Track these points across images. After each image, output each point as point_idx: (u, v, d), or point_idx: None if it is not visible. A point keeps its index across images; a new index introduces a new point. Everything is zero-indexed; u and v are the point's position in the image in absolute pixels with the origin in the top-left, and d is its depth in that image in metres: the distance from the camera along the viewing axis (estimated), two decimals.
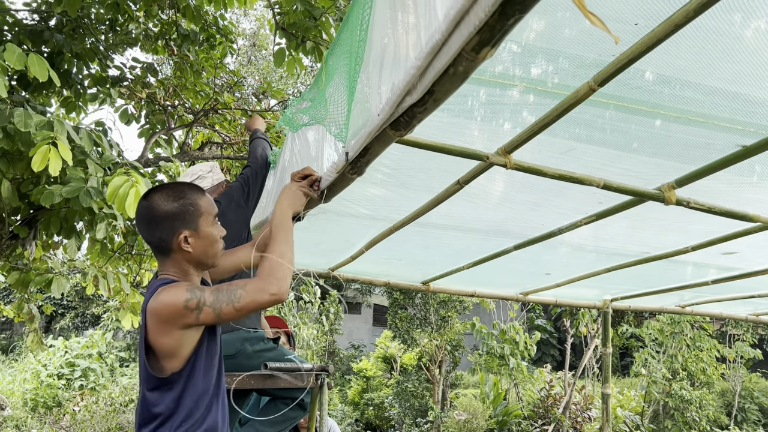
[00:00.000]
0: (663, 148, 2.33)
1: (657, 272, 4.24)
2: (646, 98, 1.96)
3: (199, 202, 1.88)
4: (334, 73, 1.71)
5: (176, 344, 1.76)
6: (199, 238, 1.86)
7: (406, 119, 1.38)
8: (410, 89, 1.24)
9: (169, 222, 1.82)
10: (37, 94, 5.93)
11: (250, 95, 9.42)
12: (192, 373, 1.80)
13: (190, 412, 1.80)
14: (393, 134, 1.44)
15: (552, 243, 3.51)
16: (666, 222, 3.15)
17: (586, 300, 5.69)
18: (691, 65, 1.80)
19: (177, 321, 1.72)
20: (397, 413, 12.60)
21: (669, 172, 2.39)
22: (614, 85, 1.75)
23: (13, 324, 20.81)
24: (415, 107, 1.31)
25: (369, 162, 1.69)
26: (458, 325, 11.75)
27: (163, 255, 1.88)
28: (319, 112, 1.81)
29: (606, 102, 1.94)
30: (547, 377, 10.35)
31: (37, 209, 5.12)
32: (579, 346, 11.94)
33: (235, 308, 1.71)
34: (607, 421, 5.37)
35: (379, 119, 1.37)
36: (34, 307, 6.97)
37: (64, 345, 14.04)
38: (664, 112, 1.99)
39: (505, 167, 2.09)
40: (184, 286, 1.76)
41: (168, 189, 1.88)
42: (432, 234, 3.67)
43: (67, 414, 11.20)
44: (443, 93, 1.24)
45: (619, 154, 2.38)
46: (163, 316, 1.73)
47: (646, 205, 2.66)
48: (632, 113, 2.03)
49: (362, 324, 25.18)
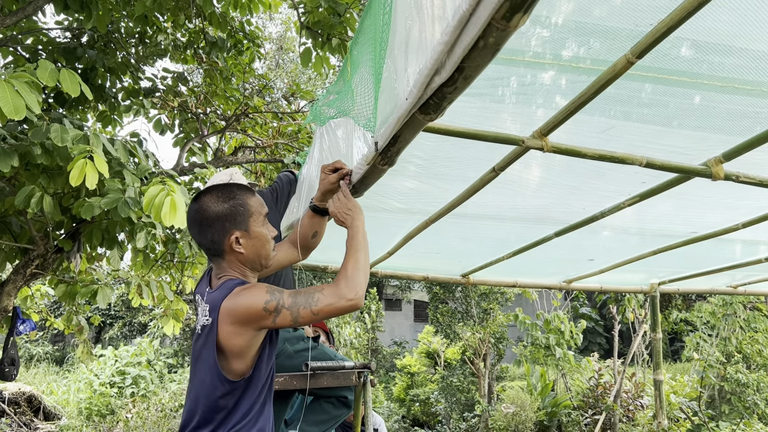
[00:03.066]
0: (707, 121, 2.22)
1: (706, 252, 4.09)
2: (686, 68, 1.87)
3: (249, 202, 1.86)
4: (359, 63, 1.67)
5: (247, 345, 1.75)
6: (250, 239, 1.85)
7: (435, 101, 1.32)
8: (438, 68, 1.19)
9: (220, 223, 1.82)
10: (73, 110, 6.06)
11: (279, 98, 9.48)
12: (254, 374, 1.79)
13: (246, 412, 1.79)
14: (423, 119, 1.39)
15: (594, 227, 3.40)
16: (713, 199, 3.02)
17: (632, 285, 5.54)
18: (734, 29, 1.70)
19: (254, 323, 1.71)
20: (443, 408, 12.54)
21: (715, 145, 2.28)
22: (652, 56, 1.67)
23: (64, 336, 21.45)
24: (445, 87, 1.25)
25: (399, 151, 1.65)
26: (501, 317, 11.61)
27: (217, 257, 1.88)
28: (346, 104, 1.77)
29: (644, 75, 1.86)
30: (596, 366, 10.14)
31: (79, 222, 5.23)
32: (626, 332, 11.68)
33: (313, 312, 1.70)
34: (661, 408, 5.22)
35: (407, 103, 1.31)
36: (83, 319, 7.14)
37: (113, 354, 14.38)
38: (707, 82, 1.89)
39: (542, 150, 2.02)
40: (264, 288, 1.74)
41: (217, 190, 1.87)
42: (469, 225, 3.61)
43: (121, 421, 11.47)
44: (474, 69, 1.18)
45: (661, 129, 2.28)
46: (241, 316, 1.71)
47: (692, 182, 2.55)
48: (673, 85, 1.93)
49: (403, 320, 25.16)
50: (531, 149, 2.05)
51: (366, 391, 2.44)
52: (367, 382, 2.44)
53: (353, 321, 14.02)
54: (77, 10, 5.50)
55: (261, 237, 1.87)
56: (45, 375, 16.67)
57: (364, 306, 14.93)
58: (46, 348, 20.42)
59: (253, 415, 1.81)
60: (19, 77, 3.10)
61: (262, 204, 1.92)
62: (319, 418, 2.62)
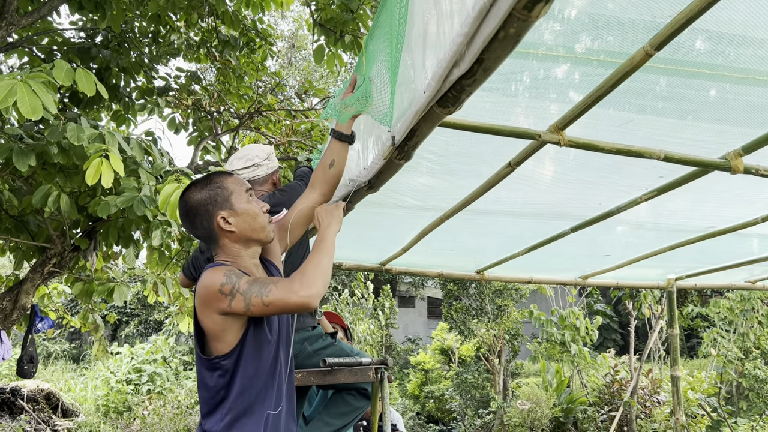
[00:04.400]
0: (726, 113, 2.19)
1: (723, 247, 4.04)
2: (704, 60, 1.84)
3: (225, 183, 1.93)
4: (374, 58, 1.66)
5: (219, 329, 1.78)
6: (237, 216, 1.89)
7: (454, 94, 1.31)
8: (457, 60, 1.18)
9: (203, 208, 1.88)
10: (88, 109, 6.11)
11: (292, 96, 9.50)
12: (239, 361, 1.81)
13: (239, 399, 1.82)
14: (441, 112, 1.38)
15: (610, 223, 3.38)
16: (732, 193, 2.99)
17: (648, 280, 5.49)
18: (753, 20, 1.67)
19: (212, 304, 1.74)
20: (458, 405, 12.52)
21: (734, 138, 2.25)
22: (670, 48, 1.64)
23: (81, 334, 21.69)
24: (464, 79, 1.24)
25: (416, 145, 1.64)
26: (515, 313, 11.57)
27: (215, 243, 1.92)
28: (362, 99, 1.77)
29: (662, 68, 1.83)
30: (611, 362, 10.08)
31: (95, 221, 5.28)
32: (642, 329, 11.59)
33: (263, 302, 1.71)
34: (679, 404, 5.17)
35: (425, 96, 1.30)
36: (99, 317, 7.21)
37: (129, 352, 14.51)
38: (726, 74, 1.87)
39: (559, 145, 2.00)
40: (224, 270, 1.78)
41: (196, 181, 1.95)
42: (483, 221, 3.59)
43: (137, 418, 11.58)
44: (493, 61, 1.16)
45: (679, 122, 2.25)
46: (201, 297, 1.76)
47: (710, 176, 2.52)
48: (690, 77, 1.91)
49: (417, 317, 25.15)
50: (547, 143, 2.04)
51: (383, 388, 2.43)
52: (384, 378, 2.44)
53: (367, 318, 14.04)
54: (91, 10, 5.54)
55: (248, 212, 1.91)
56: (63, 372, 16.85)
57: (378, 303, 14.93)
58: (63, 346, 20.65)
59: (250, 403, 1.83)
60: (35, 77, 3.13)
61: (241, 182, 1.97)
62: (342, 410, 2.62)
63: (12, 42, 5.63)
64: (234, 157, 2.81)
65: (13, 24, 4.85)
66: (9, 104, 2.83)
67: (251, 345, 1.84)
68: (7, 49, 5.65)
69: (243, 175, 2.71)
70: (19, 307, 5.20)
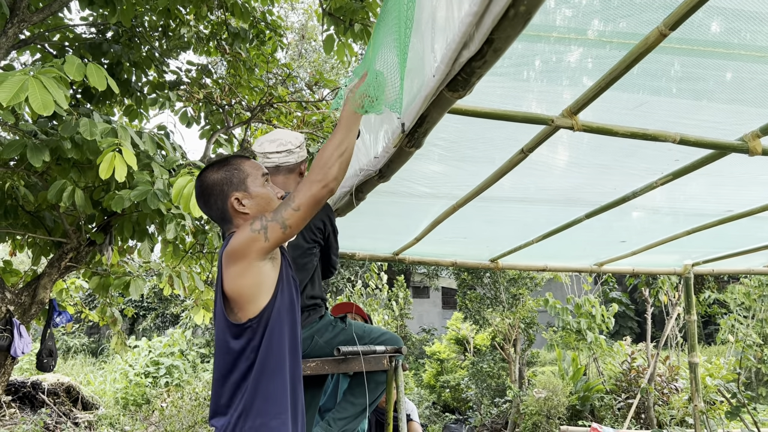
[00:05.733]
0: (743, 94, 2.14)
1: (741, 231, 3.98)
2: (721, 39, 1.80)
3: (242, 166, 1.96)
4: (383, 43, 1.64)
5: (253, 283, 1.80)
6: (251, 198, 1.92)
7: (464, 77, 1.29)
8: (467, 41, 1.15)
9: (218, 188, 1.92)
10: (100, 105, 6.14)
11: (303, 88, 9.48)
12: (269, 323, 1.82)
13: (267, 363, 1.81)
14: (451, 96, 1.36)
15: (625, 208, 3.34)
16: (749, 175, 2.94)
17: (665, 266, 5.44)
18: None
19: (250, 250, 1.77)
20: (474, 394, 12.52)
21: (751, 119, 2.21)
22: (684, 28, 1.61)
23: (100, 328, 21.94)
24: (474, 61, 1.22)
25: (427, 132, 1.62)
26: (530, 302, 11.52)
27: (228, 223, 1.95)
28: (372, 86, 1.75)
29: (677, 48, 1.80)
30: (628, 350, 10.01)
31: (110, 215, 5.32)
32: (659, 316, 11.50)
33: (293, 209, 1.75)
34: (697, 390, 5.13)
35: (434, 80, 1.28)
36: (116, 311, 7.28)
37: (147, 345, 14.66)
38: (743, 53, 1.83)
39: (572, 129, 1.97)
40: (246, 225, 1.82)
41: (214, 162, 1.99)
42: (497, 208, 3.57)
43: (156, 410, 11.71)
44: (504, 41, 1.14)
45: (694, 104, 2.21)
46: (237, 252, 1.78)
47: (727, 159, 2.47)
48: (706, 57, 1.87)
49: (431, 307, 25.15)
50: (560, 128, 2.01)
51: (398, 376, 2.43)
52: (398, 366, 2.43)
53: (381, 309, 14.06)
54: (101, 5, 5.55)
55: (263, 195, 1.94)
56: (82, 366, 17.07)
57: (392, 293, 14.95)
58: (82, 340, 20.90)
59: (276, 368, 1.81)
60: (47, 73, 3.14)
61: (258, 166, 2.00)
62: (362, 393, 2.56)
63: (24, 39, 5.66)
64: (264, 139, 2.70)
65: (24, 21, 4.87)
66: (21, 100, 2.84)
67: (281, 307, 1.86)
68: (20, 46, 5.68)
69: (273, 159, 2.63)
70: (37, 302, 5.26)
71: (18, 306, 5.14)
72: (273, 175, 2.61)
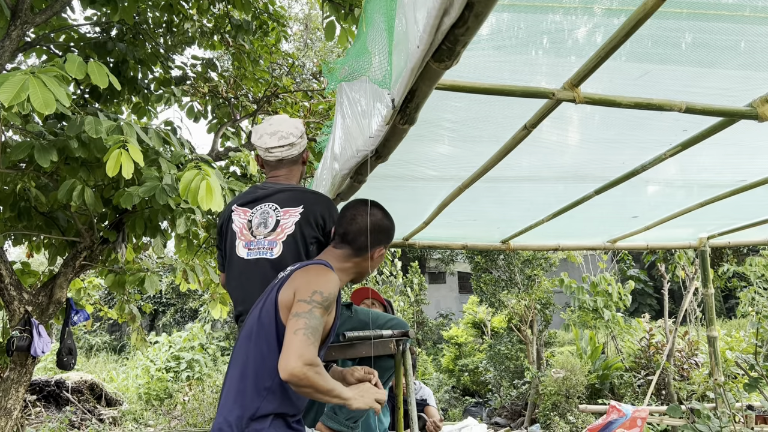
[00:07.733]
0: (750, 57, 2.08)
1: (756, 201, 3.91)
2: (725, 0, 1.75)
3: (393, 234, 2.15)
4: (372, 21, 1.62)
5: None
6: (380, 258, 2.10)
7: (448, 46, 1.26)
8: (447, 8, 1.12)
9: (380, 235, 2.05)
10: (108, 104, 6.16)
11: (309, 77, 9.46)
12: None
13: None
14: (437, 67, 1.33)
15: (635, 182, 3.28)
16: (762, 143, 2.87)
17: (680, 240, 5.37)
18: None
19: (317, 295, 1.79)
20: (492, 377, 12.53)
21: (760, 84, 2.15)
22: None
23: (120, 326, 22.21)
24: (456, 29, 1.19)
25: (418, 107, 1.59)
26: (546, 282, 11.47)
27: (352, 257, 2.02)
28: (363, 64, 1.73)
29: (679, 12, 1.75)
30: (646, 326, 9.94)
31: (122, 213, 5.35)
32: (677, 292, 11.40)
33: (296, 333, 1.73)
34: (717, 364, 5.08)
35: (419, 51, 1.26)
36: (134, 308, 7.35)
37: (167, 340, 14.83)
38: (750, 14, 1.77)
39: (575, 102, 1.93)
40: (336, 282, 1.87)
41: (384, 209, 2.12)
42: (505, 188, 3.53)
43: (178, 404, 11.86)
44: (484, 4, 1.11)
45: (700, 71, 2.15)
46: (303, 288, 1.80)
47: (737, 126, 2.41)
48: (710, 20, 1.82)
49: (448, 292, 25.14)
50: (563, 102, 1.97)
51: (405, 359, 2.41)
52: (406, 349, 2.41)
53: (396, 295, 14.07)
54: (103, 3, 5.55)
55: (379, 261, 2.12)
56: (105, 363, 17.31)
57: (407, 280, 14.93)
58: (104, 338, 21.18)
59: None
60: (47, 71, 3.15)
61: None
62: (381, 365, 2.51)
63: (29, 41, 5.68)
64: (263, 132, 2.51)
65: (27, 22, 4.88)
66: (22, 99, 2.85)
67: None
68: (26, 48, 5.70)
69: (277, 154, 2.48)
70: (55, 301, 5.31)
71: (36, 306, 5.20)
72: (276, 167, 2.53)
